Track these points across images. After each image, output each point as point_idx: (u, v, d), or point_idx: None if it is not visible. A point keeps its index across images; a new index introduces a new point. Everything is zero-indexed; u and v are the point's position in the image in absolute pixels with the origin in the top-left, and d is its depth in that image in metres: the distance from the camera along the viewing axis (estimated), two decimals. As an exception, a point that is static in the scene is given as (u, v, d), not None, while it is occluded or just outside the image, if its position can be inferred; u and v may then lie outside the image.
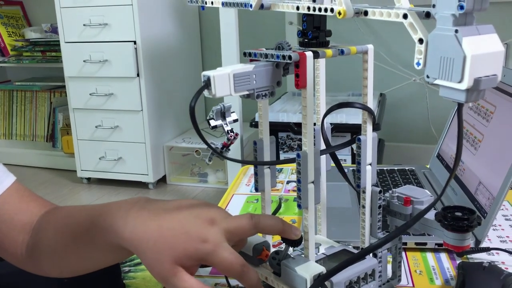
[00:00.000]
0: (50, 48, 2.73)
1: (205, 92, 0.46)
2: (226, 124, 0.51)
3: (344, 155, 1.86)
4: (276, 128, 1.93)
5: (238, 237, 0.52)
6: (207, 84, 0.45)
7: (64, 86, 2.52)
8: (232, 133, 0.51)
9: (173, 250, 0.48)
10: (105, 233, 0.51)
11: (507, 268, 0.65)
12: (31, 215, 0.62)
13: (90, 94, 2.39)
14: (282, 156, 1.97)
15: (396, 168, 1.02)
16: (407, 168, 1.02)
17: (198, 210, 0.51)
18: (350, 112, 1.84)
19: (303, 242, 0.54)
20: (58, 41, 2.41)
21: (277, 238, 0.69)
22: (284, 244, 0.55)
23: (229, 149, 0.51)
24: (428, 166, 1.02)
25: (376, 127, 0.52)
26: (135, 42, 2.27)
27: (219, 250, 0.48)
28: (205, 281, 0.65)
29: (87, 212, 0.56)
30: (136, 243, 0.49)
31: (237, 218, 0.52)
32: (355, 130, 1.77)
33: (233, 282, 0.64)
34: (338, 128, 1.80)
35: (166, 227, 0.49)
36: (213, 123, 0.50)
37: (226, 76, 0.46)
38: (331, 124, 0.64)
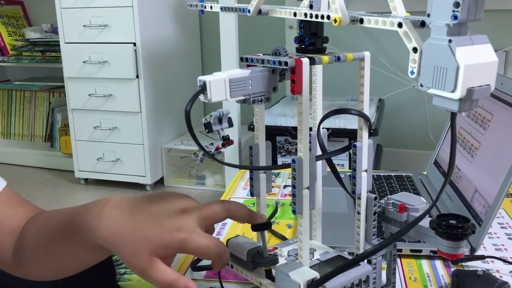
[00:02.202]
0: (50, 48, 2.73)
1: (201, 97, 0.46)
2: (222, 129, 0.51)
3: (342, 160, 1.86)
4: (274, 132, 1.93)
5: (210, 222, 0.53)
6: (203, 88, 0.46)
7: (63, 87, 2.52)
8: (227, 140, 0.51)
9: (149, 241, 0.49)
10: (81, 233, 0.53)
11: (501, 277, 0.65)
12: (19, 221, 0.63)
13: (89, 95, 2.39)
14: (280, 160, 1.97)
15: (393, 174, 1.02)
16: (404, 174, 1.02)
17: (169, 201, 0.52)
18: (348, 117, 1.84)
19: (297, 246, 0.54)
20: (58, 41, 2.41)
21: (272, 243, 0.69)
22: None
23: (220, 151, 0.51)
24: (425, 173, 1.02)
25: (374, 133, 0.53)
26: (134, 44, 2.27)
27: (194, 236, 0.49)
28: (200, 285, 0.65)
29: (66, 213, 0.57)
30: (112, 240, 0.50)
31: (209, 204, 0.54)
32: (353, 135, 1.77)
33: (228, 286, 0.64)
34: (336, 133, 1.80)
35: (140, 220, 0.50)
36: (214, 128, 0.51)
37: (222, 81, 0.46)
38: (328, 129, 0.64)
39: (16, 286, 0.75)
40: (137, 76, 2.31)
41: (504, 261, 0.68)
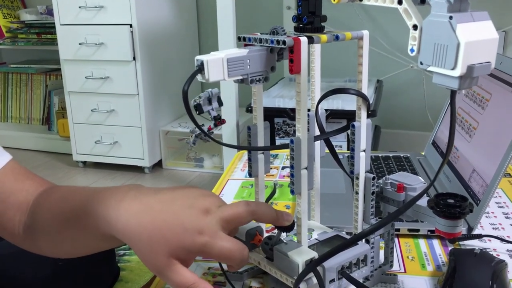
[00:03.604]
0: (46, 31, 2.71)
1: (199, 77, 0.46)
2: (213, 109, 0.50)
3: (340, 142, 1.86)
4: (272, 113, 1.92)
5: (234, 225, 0.51)
6: (201, 68, 0.45)
7: (59, 69, 2.50)
8: (219, 120, 0.50)
9: (168, 243, 0.47)
10: (97, 222, 0.51)
11: (498, 255, 0.65)
12: (27, 194, 0.62)
13: (85, 77, 2.38)
14: (278, 142, 1.97)
15: (391, 155, 1.02)
16: (402, 155, 1.02)
17: (192, 200, 0.50)
18: (347, 98, 1.84)
19: (295, 228, 0.54)
20: (54, 23, 2.39)
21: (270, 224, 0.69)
22: (276, 229, 0.55)
23: (212, 132, 0.51)
24: (423, 153, 1.02)
25: (372, 114, 0.52)
26: (131, 25, 2.25)
27: (216, 240, 0.47)
28: (198, 265, 0.65)
29: (81, 197, 0.56)
30: (130, 236, 0.48)
31: (233, 206, 0.51)
32: (351, 116, 1.77)
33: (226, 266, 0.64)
34: (334, 114, 1.80)
35: (160, 219, 0.48)
36: (205, 108, 0.50)
37: (220, 61, 0.46)
38: (327, 110, 0.64)
39: (15, 270, 0.75)
40: (134, 58, 2.29)
41: (501, 239, 0.69)
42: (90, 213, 0.52)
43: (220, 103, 0.51)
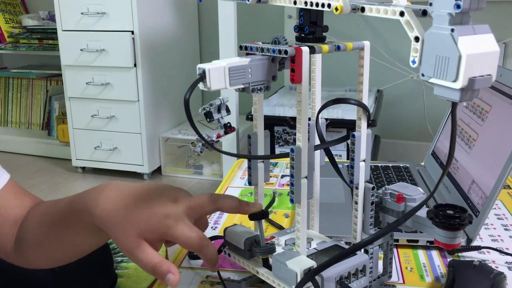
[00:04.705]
0: (47, 36, 2.72)
1: (200, 85, 0.46)
2: (222, 117, 0.51)
3: (340, 151, 1.86)
4: (272, 122, 1.93)
5: (198, 213, 0.55)
6: (202, 77, 0.45)
7: (60, 75, 2.50)
8: (229, 128, 0.52)
9: (138, 224, 0.51)
10: (80, 215, 0.55)
11: (497, 267, 0.65)
12: (24, 210, 0.64)
13: (86, 83, 2.38)
14: (278, 151, 1.97)
15: (390, 165, 1.02)
16: (401, 165, 1.02)
17: (163, 191, 0.55)
18: (347, 108, 1.84)
19: (295, 236, 0.54)
20: (55, 29, 2.40)
21: (269, 232, 0.69)
22: (275, 238, 0.55)
23: (218, 140, 0.52)
24: (422, 164, 1.02)
25: (372, 124, 0.53)
26: (132, 32, 2.26)
27: (179, 224, 0.52)
28: (197, 274, 0.65)
29: (66, 200, 0.60)
30: (105, 220, 0.53)
31: (198, 196, 0.56)
32: (351, 126, 1.77)
33: (225, 274, 0.64)
34: (334, 124, 1.80)
35: (133, 204, 0.53)
36: (215, 116, 0.51)
37: (222, 69, 0.46)
38: (327, 119, 0.64)
39: (17, 275, 0.75)
40: (135, 65, 2.30)
41: (500, 251, 0.69)
42: (73, 208, 0.56)
43: (228, 111, 0.52)
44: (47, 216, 0.61)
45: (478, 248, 0.68)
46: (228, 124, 0.52)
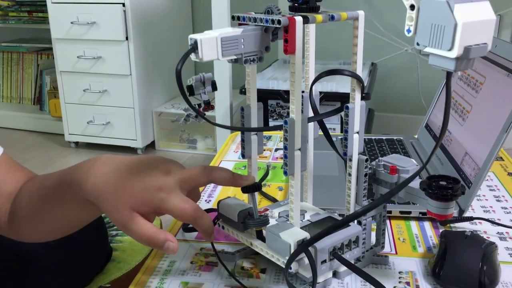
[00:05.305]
0: (37, 9, 2.67)
1: (192, 56, 0.45)
2: (204, 92, 0.50)
3: (333, 124, 1.86)
4: (266, 95, 1.92)
5: (191, 185, 0.54)
6: (194, 47, 0.45)
7: (51, 48, 2.47)
8: (207, 105, 0.50)
9: (130, 197, 0.51)
10: (71, 189, 0.54)
11: (489, 238, 0.66)
12: (17, 184, 0.64)
13: (77, 57, 2.35)
14: (272, 124, 1.97)
15: (384, 138, 1.02)
16: (395, 138, 1.02)
17: (156, 164, 0.54)
18: (341, 81, 1.83)
19: (288, 208, 0.54)
20: (45, 1, 2.35)
21: (263, 205, 0.69)
22: (269, 211, 0.55)
23: (204, 114, 0.50)
24: (416, 136, 1.02)
25: (366, 97, 0.52)
26: (123, 4, 2.21)
27: (172, 197, 0.51)
28: (191, 246, 0.65)
29: (57, 174, 0.59)
30: (97, 194, 0.52)
31: (191, 169, 0.55)
32: (345, 99, 1.77)
33: (219, 247, 0.64)
34: (328, 97, 1.79)
35: (125, 177, 0.52)
36: (196, 91, 0.49)
37: (214, 40, 0.45)
38: (321, 92, 0.63)
39: (11, 249, 0.75)
40: (127, 38, 2.27)
41: (492, 222, 0.69)
42: (65, 182, 0.56)
43: (215, 88, 0.50)
44: (39, 190, 0.60)
45: (470, 218, 0.69)
46: (208, 101, 0.50)
